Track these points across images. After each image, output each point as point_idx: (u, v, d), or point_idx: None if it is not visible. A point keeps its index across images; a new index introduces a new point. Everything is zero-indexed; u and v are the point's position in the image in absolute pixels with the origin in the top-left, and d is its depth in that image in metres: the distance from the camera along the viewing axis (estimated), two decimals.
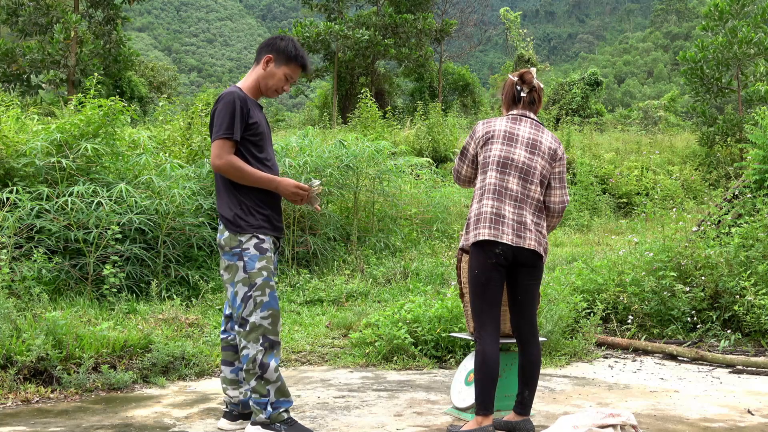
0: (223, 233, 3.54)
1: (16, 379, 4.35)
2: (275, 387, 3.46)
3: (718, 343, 5.71)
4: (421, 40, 28.76)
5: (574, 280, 6.40)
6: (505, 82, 3.90)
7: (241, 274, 3.46)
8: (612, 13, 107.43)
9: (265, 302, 3.46)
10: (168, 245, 7.03)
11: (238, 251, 3.47)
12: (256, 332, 3.45)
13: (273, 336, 3.48)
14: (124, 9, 23.17)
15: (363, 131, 15.92)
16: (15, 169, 6.89)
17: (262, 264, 3.48)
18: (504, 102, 3.88)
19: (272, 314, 3.48)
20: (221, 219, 3.55)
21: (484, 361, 3.47)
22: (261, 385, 3.44)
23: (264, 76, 3.62)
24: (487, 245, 3.53)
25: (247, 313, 3.44)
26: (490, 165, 3.62)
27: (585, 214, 13.60)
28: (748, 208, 6.93)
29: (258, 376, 3.44)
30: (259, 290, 3.46)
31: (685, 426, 3.82)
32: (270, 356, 3.46)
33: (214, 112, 3.50)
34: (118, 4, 22.70)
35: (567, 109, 28.15)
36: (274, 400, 3.46)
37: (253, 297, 3.44)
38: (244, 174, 3.45)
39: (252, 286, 3.45)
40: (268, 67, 3.61)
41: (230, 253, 3.49)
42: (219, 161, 3.42)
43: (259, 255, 3.48)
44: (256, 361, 3.44)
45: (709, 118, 17.40)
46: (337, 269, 7.98)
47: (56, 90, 23.38)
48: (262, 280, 3.47)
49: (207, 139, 8.69)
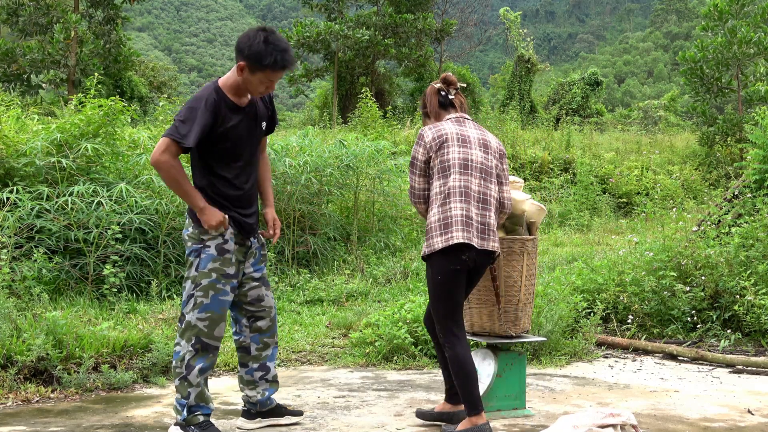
0: (187, 227, 3.49)
1: (16, 379, 4.35)
2: (196, 391, 3.42)
3: (718, 343, 5.71)
4: (421, 40, 28.75)
5: (574, 280, 6.40)
6: (426, 93, 3.83)
7: (192, 271, 3.44)
8: (612, 13, 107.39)
9: (205, 304, 3.42)
10: (168, 245, 7.03)
11: (198, 248, 3.43)
12: (189, 331, 3.42)
13: (207, 339, 3.44)
14: (124, 9, 23.14)
15: (363, 131, 15.90)
16: (15, 168, 6.89)
17: (215, 266, 3.42)
18: (431, 112, 3.79)
19: (210, 317, 3.42)
20: (188, 212, 3.50)
21: (462, 364, 3.47)
22: (183, 386, 3.43)
23: (242, 83, 3.41)
24: (452, 251, 3.46)
25: (186, 311, 3.43)
26: (451, 168, 3.54)
27: (585, 214, 13.59)
28: (748, 208, 6.93)
29: (182, 377, 3.42)
30: (201, 291, 3.42)
31: (685, 426, 3.82)
32: (199, 359, 3.43)
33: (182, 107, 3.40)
34: (118, 4, 22.68)
35: (567, 109, 28.14)
36: (194, 403, 3.43)
37: (195, 296, 3.42)
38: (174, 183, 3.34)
39: (196, 285, 3.42)
40: (243, 75, 3.37)
41: (190, 248, 3.46)
42: (154, 158, 3.30)
43: (215, 256, 3.42)
44: (184, 360, 3.42)
45: (709, 118, 17.40)
46: (337, 269, 7.97)
47: (56, 90, 23.37)
48: (209, 281, 3.42)
49: None
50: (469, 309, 4.04)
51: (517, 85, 28.31)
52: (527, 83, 28.43)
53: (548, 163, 16.82)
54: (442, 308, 3.53)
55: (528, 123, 24.13)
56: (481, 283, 3.93)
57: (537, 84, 31.59)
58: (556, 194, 15.13)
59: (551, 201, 14.70)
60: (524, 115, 25.54)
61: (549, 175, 16.40)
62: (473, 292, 3.97)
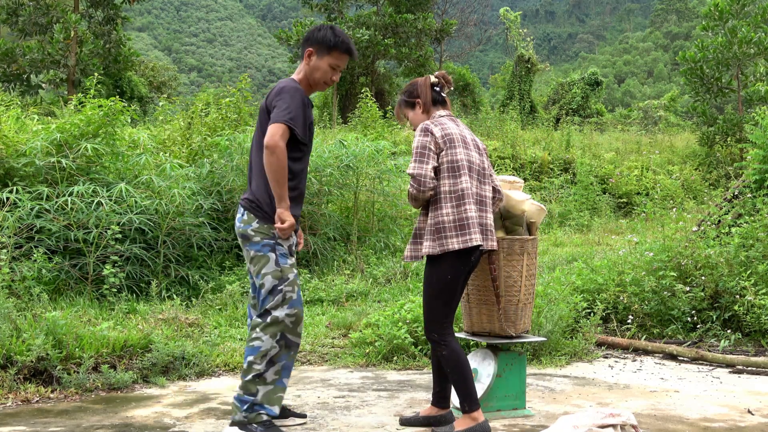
0: (249, 222, 3.39)
1: (16, 379, 4.35)
2: (266, 390, 3.33)
3: (718, 343, 5.71)
4: (421, 40, 28.76)
5: (574, 280, 6.40)
6: (419, 83, 3.76)
7: (272, 266, 3.34)
8: (612, 13, 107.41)
9: (293, 300, 3.36)
10: (168, 245, 7.03)
11: (270, 243, 3.35)
12: (275, 327, 3.33)
13: (292, 336, 3.37)
14: (124, 9, 23.15)
15: (363, 131, 15.90)
16: (15, 169, 6.89)
17: (292, 261, 3.39)
18: (423, 104, 3.71)
19: (297, 314, 3.38)
20: (250, 205, 3.41)
21: (459, 361, 3.49)
22: (253, 383, 3.33)
23: (310, 71, 3.51)
24: (466, 252, 3.50)
25: (272, 306, 3.33)
26: (460, 169, 3.54)
27: (585, 214, 13.59)
28: (748, 208, 6.93)
29: (258, 374, 3.32)
30: (290, 286, 3.35)
31: (685, 426, 3.82)
32: (283, 356, 3.34)
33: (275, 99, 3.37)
34: (118, 4, 22.68)
35: (567, 109, 28.15)
36: (259, 402, 3.34)
37: (284, 291, 3.34)
38: (282, 172, 3.28)
39: (283, 280, 3.34)
40: (312, 61, 3.51)
41: (260, 243, 3.36)
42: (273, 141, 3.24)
43: (288, 254, 3.41)
44: (266, 356, 3.31)
45: (709, 118, 17.40)
46: (337, 269, 7.97)
47: (56, 90, 23.37)
48: (294, 276, 3.37)
49: (207, 139, 8.69)
50: (469, 309, 4.04)
51: (517, 85, 28.32)
52: (527, 83, 28.43)
53: (548, 163, 16.83)
54: (444, 307, 3.53)
55: (528, 123, 24.14)
56: (481, 283, 3.93)
57: (537, 84, 31.61)
58: (556, 194, 15.13)
59: (551, 201, 14.70)
60: (524, 115, 25.56)
61: (549, 175, 16.40)
62: (473, 292, 3.98)
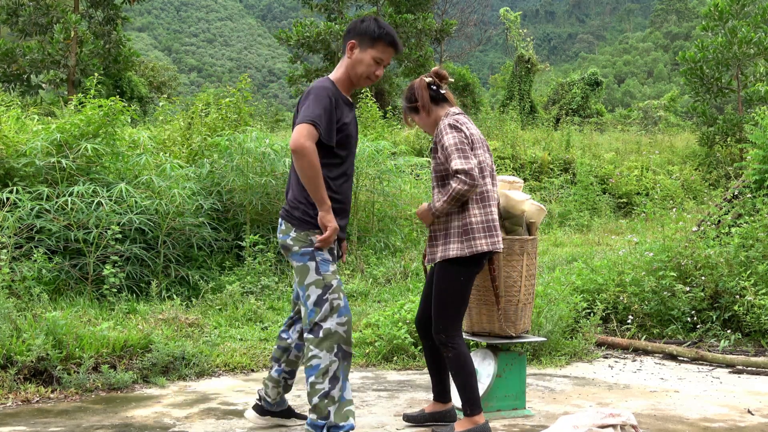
0: (287, 232, 3.25)
1: (16, 379, 4.35)
2: (335, 408, 3.11)
3: (718, 343, 5.71)
4: (421, 40, 28.75)
5: (574, 280, 6.40)
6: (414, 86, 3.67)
7: (314, 275, 3.16)
8: (612, 13, 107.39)
9: (342, 307, 3.17)
10: (168, 245, 7.03)
11: (309, 251, 3.19)
12: (330, 340, 3.12)
13: (346, 346, 3.17)
14: (124, 9, 23.15)
15: (363, 131, 15.91)
16: (15, 169, 6.89)
17: (334, 267, 3.22)
18: (423, 107, 3.64)
19: (348, 321, 3.19)
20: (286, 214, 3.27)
21: (465, 364, 3.49)
22: (323, 404, 3.11)
23: (351, 65, 3.34)
24: (487, 254, 3.54)
25: (321, 318, 3.14)
26: (484, 170, 3.56)
27: (585, 214, 13.59)
28: (748, 208, 6.93)
29: (324, 393, 3.10)
30: (335, 293, 3.16)
31: (685, 426, 3.82)
32: (343, 369, 3.15)
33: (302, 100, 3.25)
34: (118, 4, 22.68)
35: (567, 109, 28.14)
36: (333, 423, 3.12)
37: (330, 300, 3.15)
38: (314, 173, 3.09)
39: (328, 288, 3.15)
40: (354, 54, 3.33)
41: (299, 253, 3.20)
42: (298, 143, 3.06)
43: (330, 260, 3.24)
44: (328, 373, 3.11)
45: (709, 118, 17.39)
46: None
47: (56, 90, 23.37)
48: (338, 283, 3.19)
49: (207, 139, 8.68)
50: (469, 309, 4.04)
51: (517, 85, 28.31)
52: (527, 83, 28.42)
53: (548, 164, 16.82)
54: (457, 309, 3.54)
55: (528, 123, 24.12)
56: (481, 283, 3.93)
57: (537, 84, 31.60)
58: (556, 194, 15.12)
59: (551, 201, 14.70)
60: (524, 115, 25.54)
61: (549, 175, 16.40)
62: (473, 292, 3.97)
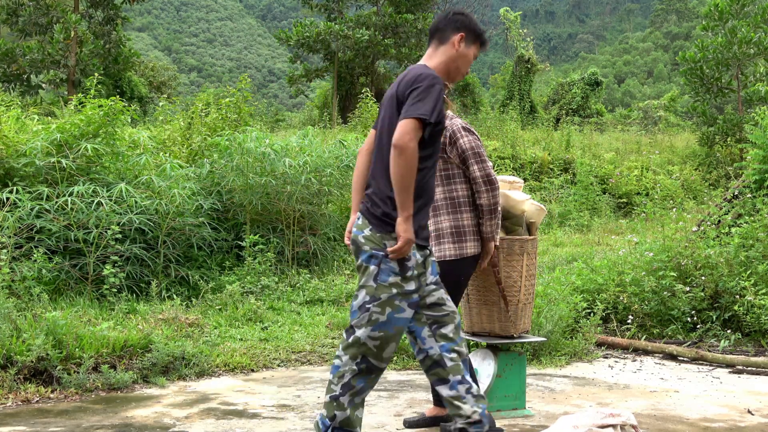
0: (362, 228, 3.03)
1: (16, 379, 4.35)
2: (344, 416, 3.02)
3: (718, 343, 5.71)
4: (421, 40, 28.74)
5: (574, 280, 6.40)
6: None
7: (371, 281, 2.98)
8: (612, 13, 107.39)
9: (381, 322, 2.97)
10: (168, 245, 7.03)
11: (379, 254, 2.97)
12: (356, 348, 3.00)
13: (374, 360, 3.01)
14: (124, 9, 23.16)
15: (363, 131, 15.89)
16: (15, 169, 6.89)
17: (395, 280, 2.97)
18: None
19: (383, 337, 2.98)
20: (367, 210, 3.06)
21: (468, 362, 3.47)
22: (331, 406, 3.03)
23: (455, 58, 3.17)
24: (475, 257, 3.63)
25: (357, 324, 3.00)
26: None
27: (585, 214, 13.59)
28: (748, 208, 6.93)
29: (334, 396, 3.02)
30: (379, 307, 2.96)
31: (685, 426, 3.82)
32: (360, 380, 3.03)
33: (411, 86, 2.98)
34: (118, 4, 22.69)
35: (567, 109, 28.14)
36: (338, 426, 3.04)
37: (370, 311, 2.97)
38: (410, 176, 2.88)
39: (374, 299, 2.97)
40: (460, 48, 3.16)
41: (368, 253, 2.99)
42: (403, 141, 2.85)
43: (397, 270, 2.97)
44: (343, 378, 3.02)
45: (709, 118, 17.39)
46: (337, 269, 7.97)
47: (56, 90, 23.38)
48: (388, 297, 2.95)
49: (207, 139, 8.69)
50: (469, 309, 4.04)
51: (517, 85, 28.31)
52: (527, 83, 28.42)
53: (548, 164, 16.82)
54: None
55: (528, 123, 24.12)
56: (481, 283, 3.93)
57: (537, 84, 31.62)
58: (556, 194, 15.12)
59: (551, 201, 14.70)
60: (524, 115, 25.54)
61: (549, 175, 16.40)
62: (473, 293, 3.98)
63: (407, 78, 3.03)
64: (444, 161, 3.56)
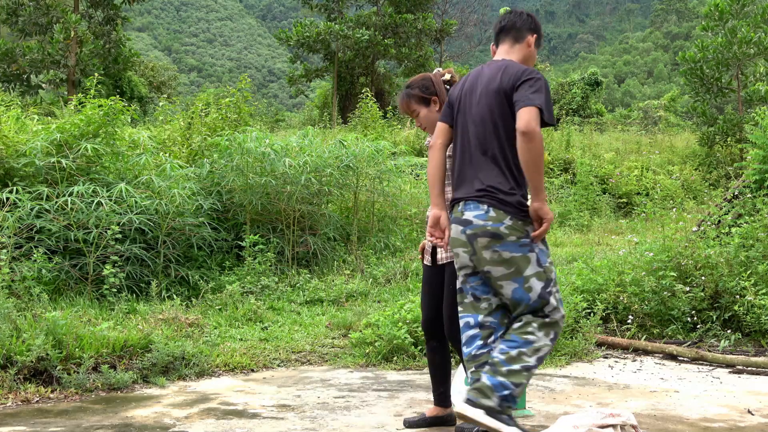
0: (500, 220, 3.05)
1: (16, 379, 4.35)
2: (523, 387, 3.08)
3: (718, 343, 5.70)
4: (421, 40, 28.78)
5: (574, 280, 6.40)
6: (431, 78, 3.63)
7: (535, 267, 3.07)
8: (612, 13, 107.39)
9: (561, 300, 3.16)
10: (168, 245, 7.03)
11: (527, 242, 3.06)
12: (551, 328, 3.11)
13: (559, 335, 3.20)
14: (124, 9, 23.16)
15: (363, 131, 15.91)
16: (15, 169, 6.90)
17: (551, 259, 3.15)
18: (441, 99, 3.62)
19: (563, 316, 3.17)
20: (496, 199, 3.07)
21: None
22: (521, 375, 3.03)
23: (528, 57, 3.30)
24: None
25: (550, 310, 3.11)
26: None
27: (585, 214, 13.59)
28: (748, 208, 6.93)
29: (527, 367, 3.04)
30: (556, 286, 3.14)
31: (685, 426, 3.82)
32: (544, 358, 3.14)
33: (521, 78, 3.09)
34: (118, 4, 22.70)
35: (567, 109, 28.14)
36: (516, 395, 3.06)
37: (553, 294, 3.11)
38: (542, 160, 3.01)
39: (550, 281, 3.10)
40: (533, 48, 3.31)
41: (517, 243, 3.05)
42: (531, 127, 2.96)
43: (546, 250, 3.14)
44: (538, 352, 3.06)
45: (709, 118, 17.38)
46: (337, 269, 7.97)
47: (56, 90, 23.38)
48: (555, 276, 3.14)
49: (207, 139, 8.69)
50: None
51: None
52: None
53: (548, 163, 16.82)
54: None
55: None
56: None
57: None
58: (556, 194, 15.13)
59: (551, 201, 14.70)
60: None
61: (549, 175, 16.40)
62: None
63: (510, 71, 3.14)
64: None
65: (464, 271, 3.22)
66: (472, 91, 3.24)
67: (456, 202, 3.23)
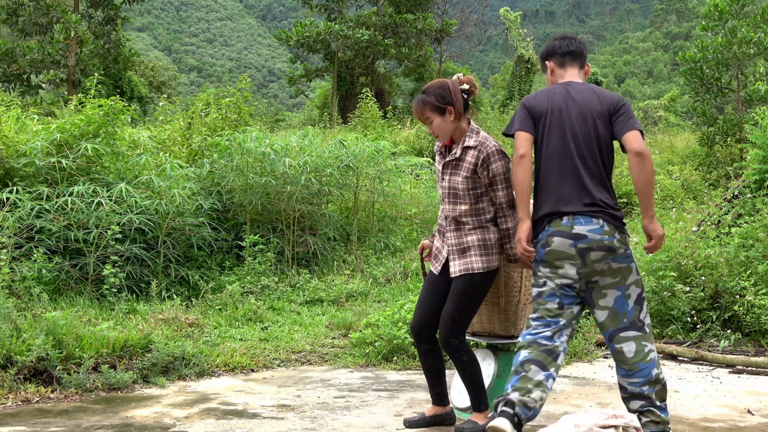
0: (613, 234, 3.22)
1: (16, 379, 4.35)
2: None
3: (718, 343, 5.70)
4: (421, 40, 28.75)
5: None
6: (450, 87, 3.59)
7: (635, 275, 3.31)
8: (612, 13, 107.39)
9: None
10: (168, 245, 7.03)
11: (630, 253, 3.31)
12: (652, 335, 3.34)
13: None
14: (124, 9, 23.15)
15: (363, 131, 15.91)
16: (15, 169, 6.90)
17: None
18: (456, 113, 3.56)
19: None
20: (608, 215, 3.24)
21: (477, 365, 3.64)
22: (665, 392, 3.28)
23: None
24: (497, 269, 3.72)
25: (644, 315, 3.30)
26: None
27: None
28: (748, 208, 6.93)
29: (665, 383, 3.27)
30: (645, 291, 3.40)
31: (685, 426, 3.82)
32: None
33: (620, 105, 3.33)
34: (118, 4, 22.69)
35: None
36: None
37: (644, 298, 3.35)
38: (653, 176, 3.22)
39: (642, 287, 3.35)
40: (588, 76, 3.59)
41: (625, 254, 3.26)
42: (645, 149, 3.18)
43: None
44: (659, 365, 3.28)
45: (709, 118, 17.37)
46: (337, 269, 7.97)
47: (56, 90, 23.37)
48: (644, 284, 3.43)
49: (207, 139, 8.69)
50: None
51: (517, 85, 28.31)
52: (527, 83, 28.41)
53: None
54: (472, 316, 3.63)
55: None
56: None
57: (537, 84, 31.59)
58: None
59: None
60: None
61: None
62: None
63: (607, 97, 3.36)
64: (473, 180, 3.56)
65: (561, 281, 3.27)
66: (565, 108, 3.34)
67: (558, 216, 3.25)
